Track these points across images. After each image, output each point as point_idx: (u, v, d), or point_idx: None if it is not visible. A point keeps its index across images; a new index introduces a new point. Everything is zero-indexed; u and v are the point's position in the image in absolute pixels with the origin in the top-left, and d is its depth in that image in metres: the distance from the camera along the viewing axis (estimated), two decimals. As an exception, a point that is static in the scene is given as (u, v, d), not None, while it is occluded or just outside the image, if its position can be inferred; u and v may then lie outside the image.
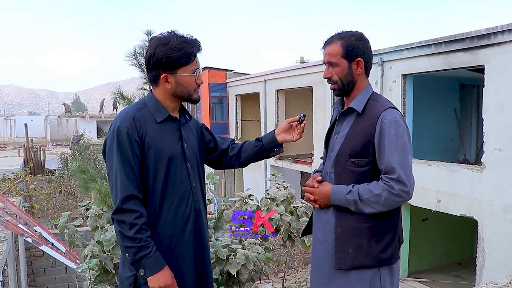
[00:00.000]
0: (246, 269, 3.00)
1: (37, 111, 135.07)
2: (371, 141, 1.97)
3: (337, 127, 2.14)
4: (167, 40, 1.88)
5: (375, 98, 2.06)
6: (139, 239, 1.80)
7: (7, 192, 10.72)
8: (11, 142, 35.60)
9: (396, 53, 9.38)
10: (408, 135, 1.98)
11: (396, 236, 2.04)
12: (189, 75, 1.94)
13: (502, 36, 7.20)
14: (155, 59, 1.89)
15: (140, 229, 1.81)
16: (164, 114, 1.96)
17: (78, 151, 18.71)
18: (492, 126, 7.49)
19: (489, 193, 7.56)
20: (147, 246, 1.82)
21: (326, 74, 2.07)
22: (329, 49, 2.04)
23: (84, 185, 3.88)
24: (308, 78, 12.98)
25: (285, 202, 3.38)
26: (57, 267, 8.43)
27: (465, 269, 10.69)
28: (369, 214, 1.96)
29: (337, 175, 2.06)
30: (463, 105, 12.10)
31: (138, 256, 1.81)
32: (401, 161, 1.91)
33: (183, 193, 1.96)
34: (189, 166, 2.01)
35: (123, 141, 1.85)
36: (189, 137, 2.06)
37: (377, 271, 1.99)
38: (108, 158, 1.89)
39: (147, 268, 1.82)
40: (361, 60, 2.02)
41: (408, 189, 1.90)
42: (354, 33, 2.04)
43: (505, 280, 2.50)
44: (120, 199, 1.81)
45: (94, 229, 3.33)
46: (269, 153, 2.26)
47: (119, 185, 1.83)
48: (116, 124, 1.88)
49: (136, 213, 1.82)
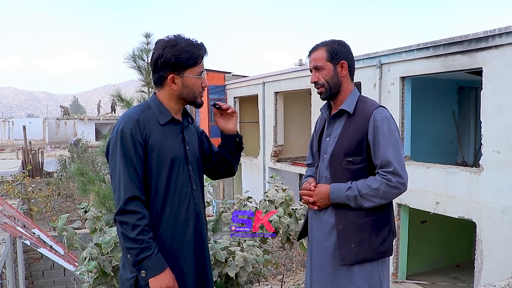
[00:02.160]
0: (244, 271, 3.00)
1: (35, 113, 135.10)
2: (364, 139, 2.07)
3: (328, 130, 2.23)
4: (175, 42, 1.91)
5: (363, 99, 2.18)
6: (141, 240, 1.80)
7: (5, 195, 10.71)
8: (9, 145, 35.58)
9: (395, 55, 9.40)
10: (398, 131, 2.10)
11: (391, 229, 2.14)
12: (196, 77, 1.96)
13: (500, 39, 7.22)
14: (163, 60, 1.91)
15: (143, 231, 1.81)
16: (168, 116, 1.98)
17: (77, 153, 18.71)
18: (490, 129, 7.50)
19: (488, 196, 7.56)
20: (149, 247, 1.82)
21: (313, 79, 2.21)
22: (315, 55, 2.19)
23: (83, 187, 3.89)
24: (306, 80, 12.98)
25: (284, 204, 3.38)
26: (56, 269, 8.40)
27: (463, 271, 10.69)
28: (368, 208, 2.04)
29: (333, 175, 2.13)
30: (461, 107, 12.13)
31: (140, 258, 1.81)
32: (395, 154, 2.02)
33: (184, 195, 1.97)
34: (191, 169, 2.02)
35: (127, 143, 1.86)
36: (191, 140, 2.07)
37: (376, 263, 2.08)
38: (111, 159, 1.90)
39: (149, 270, 1.82)
40: (345, 62, 2.15)
41: (404, 180, 2.02)
42: (337, 40, 2.19)
43: (503, 282, 2.51)
44: (123, 200, 1.82)
45: (92, 232, 3.33)
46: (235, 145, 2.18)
47: (122, 186, 1.83)
48: (120, 125, 1.89)
49: (138, 215, 1.82)
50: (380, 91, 9.61)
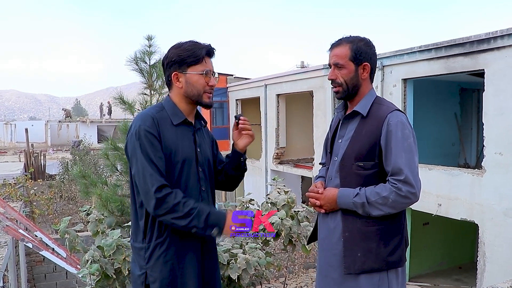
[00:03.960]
0: (247, 273, 3.00)
1: (37, 116, 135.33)
2: (377, 143, 1.96)
3: (341, 131, 2.12)
4: (180, 44, 2.00)
5: (379, 101, 2.06)
6: (192, 208, 1.86)
7: (7, 197, 10.72)
8: (12, 147, 35.63)
9: (397, 57, 9.40)
10: (413, 136, 1.98)
11: (403, 239, 2.04)
12: (198, 74, 1.98)
13: (502, 41, 7.22)
14: (168, 60, 2.00)
15: (185, 203, 1.86)
16: (181, 117, 2.01)
17: (79, 156, 18.73)
18: (492, 130, 7.50)
19: (490, 197, 7.55)
20: (201, 209, 1.88)
21: (331, 76, 2.06)
22: (337, 51, 2.04)
23: (85, 190, 3.90)
24: (308, 82, 13.00)
25: (286, 206, 3.38)
26: (58, 272, 8.42)
27: (466, 273, 10.66)
28: (377, 217, 1.94)
29: (342, 179, 2.04)
30: (463, 109, 12.12)
31: (204, 223, 1.87)
32: (408, 162, 1.91)
33: (192, 196, 1.98)
34: (201, 171, 2.04)
35: (146, 138, 1.89)
36: (203, 143, 2.10)
37: (385, 274, 1.98)
38: (132, 156, 1.92)
39: (218, 224, 1.91)
40: (368, 65, 2.03)
41: (415, 190, 1.90)
42: (363, 38, 2.05)
43: (506, 284, 2.51)
44: (153, 192, 1.84)
45: (95, 234, 3.33)
46: (237, 162, 2.20)
47: (148, 180, 1.85)
48: (137, 123, 1.92)
49: (172, 195, 1.86)
50: (382, 93, 9.61)
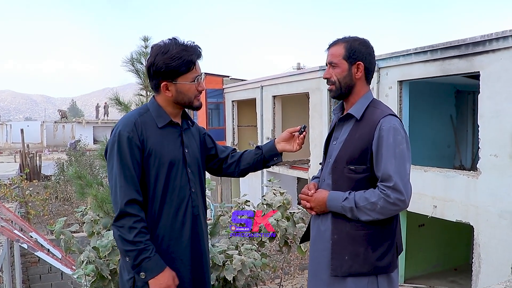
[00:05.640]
0: (242, 275, 3.00)
1: (33, 116, 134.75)
2: (369, 148, 1.95)
3: (336, 133, 2.13)
4: (167, 49, 1.89)
5: (375, 104, 2.05)
6: (139, 242, 1.81)
7: (2, 198, 10.68)
8: (7, 148, 35.48)
9: (392, 59, 9.43)
10: (407, 142, 1.96)
11: (393, 244, 2.03)
12: (189, 83, 1.95)
13: (497, 43, 7.26)
14: (155, 68, 1.91)
15: (140, 233, 1.82)
16: (166, 119, 1.98)
17: (75, 156, 18.66)
18: (488, 133, 7.53)
19: (485, 199, 7.58)
20: (147, 249, 1.82)
21: (326, 75, 2.08)
22: (332, 50, 2.06)
23: (81, 191, 3.88)
24: (304, 84, 13.02)
25: (282, 208, 3.38)
26: (53, 273, 8.38)
27: (461, 274, 10.69)
28: (366, 221, 1.94)
29: (334, 181, 2.04)
30: (459, 111, 12.16)
31: (139, 260, 1.81)
32: (398, 169, 1.89)
33: (182, 198, 1.97)
34: (190, 172, 2.02)
35: (124, 146, 1.87)
36: (191, 143, 2.08)
37: (375, 279, 1.97)
38: (109, 162, 1.92)
39: (148, 271, 1.83)
40: (362, 64, 2.03)
41: (405, 197, 1.89)
42: (359, 38, 2.07)
43: (501, 285, 2.52)
44: (120, 204, 1.83)
45: (90, 235, 3.32)
46: (268, 162, 2.26)
47: (118, 190, 1.84)
48: (118, 128, 1.91)
49: (135, 217, 1.83)
50: (378, 95, 9.63)
